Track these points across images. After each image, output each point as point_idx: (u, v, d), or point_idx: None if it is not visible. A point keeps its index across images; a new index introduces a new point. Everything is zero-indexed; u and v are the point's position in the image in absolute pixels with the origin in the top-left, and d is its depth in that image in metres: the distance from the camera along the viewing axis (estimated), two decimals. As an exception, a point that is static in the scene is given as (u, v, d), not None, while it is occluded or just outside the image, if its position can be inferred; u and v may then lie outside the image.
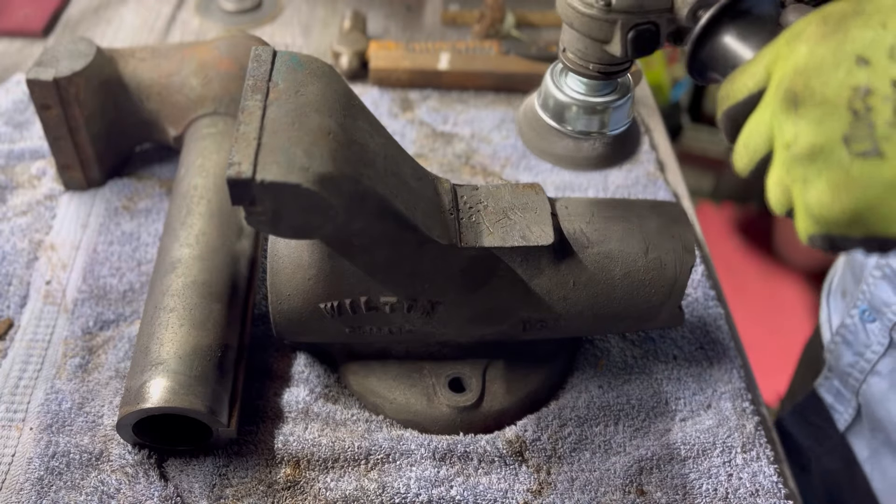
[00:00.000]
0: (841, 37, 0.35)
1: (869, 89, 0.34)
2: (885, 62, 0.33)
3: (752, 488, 0.56)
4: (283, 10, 1.01)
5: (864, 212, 0.35)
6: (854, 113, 0.34)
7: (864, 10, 0.35)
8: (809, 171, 0.37)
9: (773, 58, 0.38)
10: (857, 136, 0.34)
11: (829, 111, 0.35)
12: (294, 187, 0.46)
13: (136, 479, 0.54)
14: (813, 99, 0.35)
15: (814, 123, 0.36)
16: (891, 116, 0.33)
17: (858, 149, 0.34)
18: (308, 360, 0.62)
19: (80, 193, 0.74)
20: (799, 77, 0.36)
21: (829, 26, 0.35)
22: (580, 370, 0.63)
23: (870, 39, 0.34)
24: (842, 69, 0.34)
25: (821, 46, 0.35)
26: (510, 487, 0.56)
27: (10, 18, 0.95)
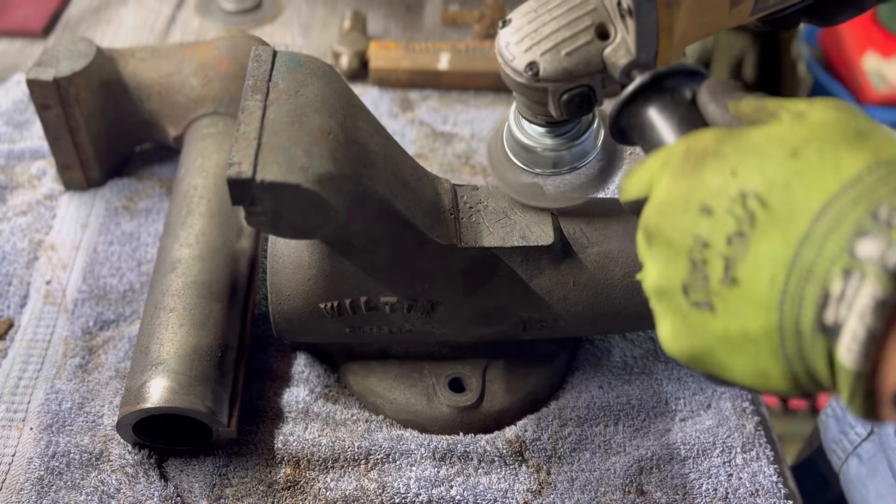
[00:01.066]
0: (695, 180, 0.34)
1: (706, 242, 0.33)
2: (723, 216, 0.33)
3: (751, 488, 0.56)
4: (283, 10, 1.01)
5: (701, 357, 0.35)
6: (693, 263, 0.34)
7: (722, 152, 0.34)
8: (657, 307, 0.37)
9: (654, 172, 0.37)
10: (694, 285, 0.34)
11: (673, 256, 0.35)
12: (294, 187, 0.46)
13: (136, 479, 0.54)
14: (661, 240, 0.35)
15: (661, 264, 0.36)
16: (721, 274, 0.32)
17: (695, 298, 0.34)
18: (308, 360, 0.62)
19: (80, 193, 0.74)
20: (654, 213, 0.36)
21: (689, 163, 0.35)
22: (580, 370, 0.63)
23: (717, 187, 0.33)
24: (688, 216, 0.34)
25: (676, 186, 0.35)
26: (510, 487, 0.56)
27: (11, 18, 0.95)
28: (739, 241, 0.32)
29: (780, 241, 0.31)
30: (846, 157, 0.31)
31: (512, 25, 0.46)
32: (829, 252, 0.29)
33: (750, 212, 0.32)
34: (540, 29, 0.45)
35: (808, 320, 0.30)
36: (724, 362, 0.34)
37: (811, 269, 0.29)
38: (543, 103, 0.47)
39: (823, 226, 0.29)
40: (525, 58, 0.45)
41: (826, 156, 0.31)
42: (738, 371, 0.33)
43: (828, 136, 0.32)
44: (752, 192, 0.32)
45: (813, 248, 0.29)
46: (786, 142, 0.32)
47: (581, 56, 0.44)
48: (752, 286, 0.31)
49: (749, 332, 0.32)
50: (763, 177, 0.32)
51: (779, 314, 0.31)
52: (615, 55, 0.43)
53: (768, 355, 0.32)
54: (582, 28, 0.44)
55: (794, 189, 0.31)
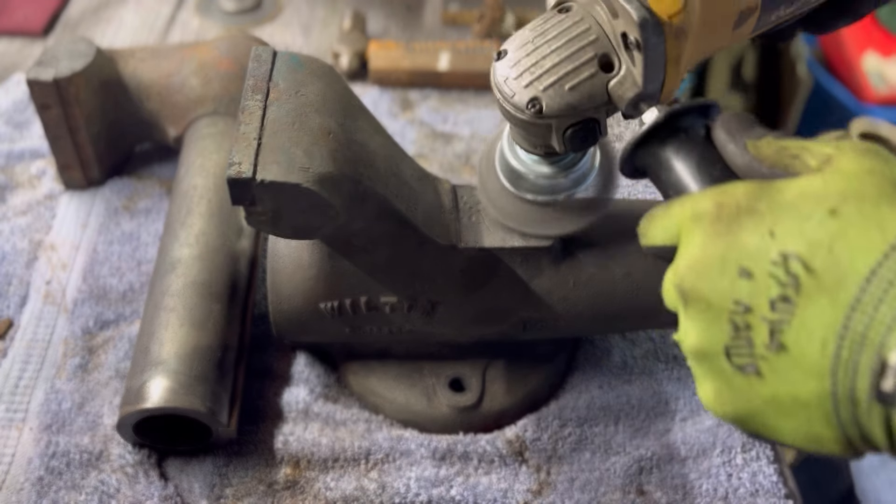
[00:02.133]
0: (730, 240, 0.33)
1: (749, 307, 0.32)
2: (765, 279, 0.32)
3: (751, 488, 0.56)
4: (283, 9, 1.01)
5: (747, 419, 0.34)
6: (735, 326, 0.33)
7: (757, 210, 0.33)
8: (697, 369, 0.36)
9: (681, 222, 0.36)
10: (737, 349, 0.33)
11: (713, 318, 0.34)
12: (294, 187, 0.46)
13: (136, 479, 0.54)
14: (699, 302, 0.34)
15: (700, 326, 0.35)
16: (767, 339, 0.32)
17: (738, 362, 0.33)
18: (308, 360, 0.62)
19: (80, 193, 0.74)
20: (690, 273, 0.35)
21: (722, 223, 0.34)
22: (580, 370, 0.63)
23: (755, 249, 0.32)
24: (726, 278, 0.33)
25: (711, 245, 0.34)
26: (510, 487, 0.56)
27: (10, 18, 0.95)
28: (784, 306, 0.31)
29: (828, 307, 0.30)
30: (888, 215, 0.30)
31: (509, 58, 0.44)
32: (883, 317, 0.28)
33: (794, 275, 0.31)
34: (540, 62, 0.43)
35: (864, 389, 0.29)
36: (773, 426, 0.33)
37: (865, 335, 0.29)
38: (545, 137, 0.45)
39: (874, 290, 0.29)
40: (526, 94, 0.43)
41: (867, 213, 0.31)
42: (788, 434, 0.33)
43: (865, 191, 0.31)
44: (794, 254, 0.31)
45: (865, 314, 0.29)
46: (823, 199, 0.32)
47: (585, 90, 0.42)
48: (802, 352, 0.31)
49: (800, 397, 0.31)
50: (804, 238, 0.31)
51: (832, 381, 0.30)
52: (621, 88, 0.42)
53: (821, 421, 0.31)
54: (585, 60, 0.42)
55: (839, 251, 0.30)
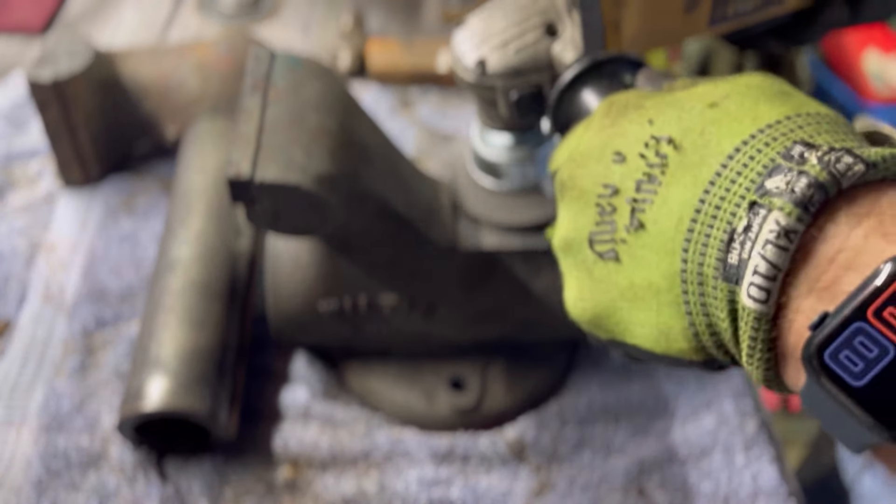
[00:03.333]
0: (612, 130, 0.33)
1: (617, 189, 0.31)
2: (636, 161, 0.31)
3: (753, 489, 0.56)
4: (282, 8, 1.01)
5: (603, 316, 0.33)
6: (601, 210, 0.32)
7: (643, 105, 0.33)
8: (564, 264, 0.35)
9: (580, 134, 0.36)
10: (600, 235, 0.32)
11: (582, 206, 0.33)
12: (293, 187, 0.46)
13: (136, 479, 0.54)
14: (573, 191, 0.34)
15: (570, 215, 0.34)
16: (628, 219, 0.31)
17: (600, 249, 0.32)
18: (308, 359, 0.62)
19: (79, 193, 0.73)
20: (569, 164, 0.34)
21: (609, 117, 0.34)
22: (580, 370, 0.63)
23: (633, 135, 0.32)
24: (602, 163, 0.32)
25: (595, 137, 0.34)
26: (510, 488, 0.56)
27: (9, 17, 0.95)
28: (650, 186, 0.30)
29: (689, 184, 0.29)
30: (765, 107, 0.29)
31: (466, 26, 0.46)
32: (738, 190, 0.27)
33: (662, 155, 0.30)
34: (490, 27, 0.45)
35: (711, 263, 0.28)
36: (627, 320, 0.32)
37: (719, 207, 0.28)
38: (494, 103, 0.47)
39: (734, 166, 0.28)
40: (474, 55, 0.45)
41: (745, 105, 0.30)
42: (640, 330, 0.32)
43: (749, 92, 0.31)
44: (666, 136, 0.30)
45: (721, 188, 0.28)
46: (707, 96, 0.31)
47: (529, 53, 0.44)
48: (658, 230, 0.30)
49: (652, 282, 0.30)
50: (679, 124, 0.31)
51: (683, 259, 0.29)
52: (563, 52, 0.44)
53: (671, 308, 0.30)
54: (531, 26, 0.44)
55: (710, 134, 0.29)
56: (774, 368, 0.27)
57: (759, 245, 0.26)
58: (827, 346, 0.24)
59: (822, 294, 0.25)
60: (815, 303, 0.25)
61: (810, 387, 0.25)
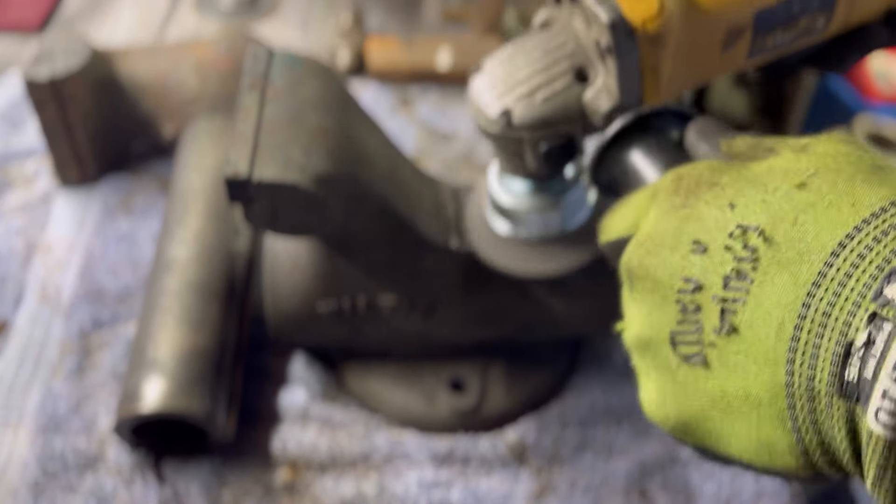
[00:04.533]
0: (686, 213, 0.29)
1: (700, 284, 0.28)
2: (720, 253, 0.28)
3: (755, 491, 0.56)
4: (281, 6, 1.00)
5: (691, 424, 0.30)
6: (683, 308, 0.28)
7: (719, 182, 0.29)
8: (640, 363, 0.32)
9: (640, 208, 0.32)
10: (684, 335, 0.29)
11: (659, 301, 0.29)
12: (291, 186, 0.45)
13: (133, 482, 0.54)
14: (646, 281, 0.30)
15: (644, 310, 0.30)
16: (717, 322, 0.27)
17: (684, 351, 0.29)
18: (306, 361, 0.62)
19: (77, 192, 0.73)
20: (638, 250, 0.31)
21: (680, 196, 0.30)
22: (582, 371, 0.63)
23: (712, 221, 0.28)
24: (678, 253, 0.29)
25: (665, 220, 0.30)
26: (511, 490, 0.55)
27: (6, 15, 0.94)
28: (739, 283, 0.27)
29: (788, 283, 0.26)
30: (863, 191, 0.26)
31: (484, 72, 0.42)
32: (850, 296, 0.24)
33: (752, 248, 0.27)
34: (514, 74, 0.41)
35: (823, 378, 0.25)
36: (720, 431, 0.29)
37: (828, 315, 0.25)
38: (520, 154, 0.43)
39: (841, 266, 0.25)
40: (498, 105, 0.41)
41: (840, 187, 0.27)
42: (736, 442, 0.28)
43: (840, 167, 0.27)
44: (754, 226, 0.27)
45: (830, 291, 0.25)
46: (792, 173, 0.28)
47: (559, 102, 0.40)
48: (756, 336, 0.26)
49: (751, 392, 0.27)
50: (766, 210, 0.27)
51: (788, 370, 0.26)
52: (596, 100, 0.39)
53: (774, 422, 0.27)
54: (559, 72, 0.40)
55: (804, 224, 0.26)
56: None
57: (889, 367, 0.23)
58: None
59: None
60: None
61: None
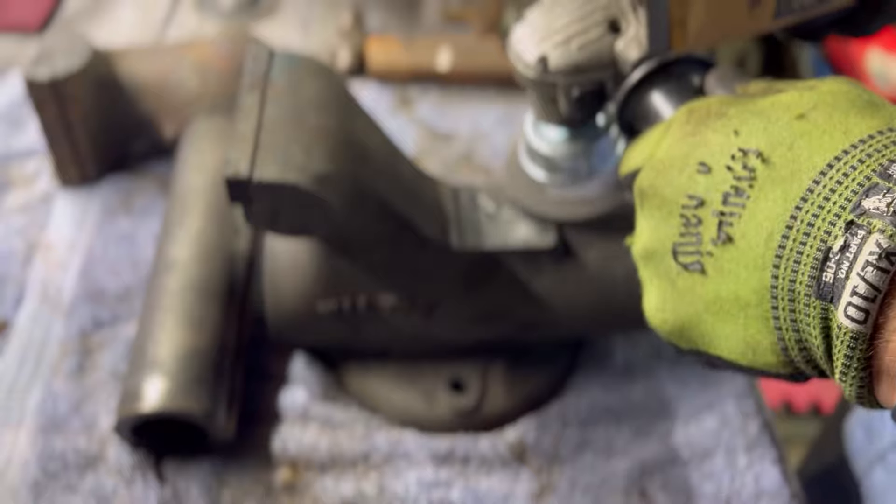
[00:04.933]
0: (696, 139, 0.33)
1: (702, 200, 0.31)
2: (722, 173, 0.31)
3: (755, 490, 0.56)
4: (282, 6, 1.00)
5: (687, 327, 0.33)
6: (686, 221, 0.32)
7: (726, 113, 0.32)
8: (645, 273, 0.35)
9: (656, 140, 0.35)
10: (685, 246, 0.32)
11: (666, 215, 0.33)
12: (291, 186, 0.45)
13: (133, 481, 0.54)
14: (654, 200, 0.34)
15: (652, 224, 0.34)
16: (715, 232, 0.31)
17: (684, 261, 0.32)
18: (306, 360, 0.62)
19: (77, 192, 0.73)
20: (650, 172, 0.34)
21: (691, 125, 0.33)
22: (582, 371, 0.63)
23: (717, 145, 0.32)
24: (685, 174, 0.32)
25: (676, 145, 0.33)
26: (511, 490, 0.56)
27: (6, 15, 0.94)
28: (737, 199, 0.30)
29: (780, 198, 0.29)
30: (856, 121, 0.29)
31: (525, 21, 0.46)
32: (832, 208, 0.27)
33: (751, 168, 0.30)
34: (552, 23, 0.44)
35: (804, 280, 0.28)
36: (712, 332, 0.32)
37: (812, 224, 0.28)
38: (554, 100, 0.46)
39: (827, 183, 0.28)
40: (536, 51, 0.44)
41: (835, 118, 0.30)
42: (725, 342, 0.32)
43: (837, 102, 0.30)
44: (755, 149, 0.30)
45: (815, 205, 0.28)
46: (793, 106, 0.31)
47: (592, 50, 0.43)
48: (747, 244, 0.30)
49: (740, 296, 0.30)
50: (767, 136, 0.30)
51: (773, 274, 0.29)
52: (627, 49, 0.43)
53: (759, 322, 0.30)
54: (594, 22, 0.44)
55: (799, 148, 0.29)
56: (868, 386, 0.27)
57: (859, 266, 0.26)
58: None
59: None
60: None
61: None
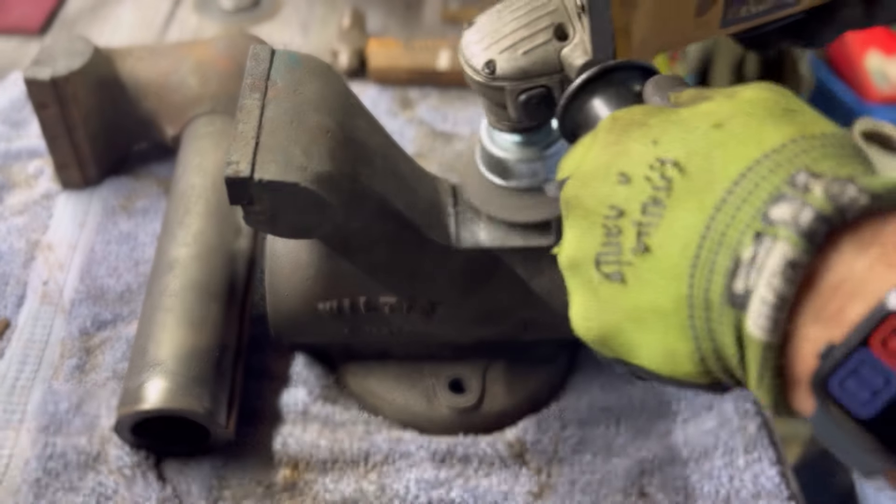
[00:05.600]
0: (617, 149, 0.33)
1: (622, 210, 0.32)
2: (641, 183, 0.31)
3: (754, 490, 0.56)
4: (282, 7, 1.00)
5: (609, 336, 0.33)
6: (607, 232, 0.32)
7: (647, 123, 0.33)
8: (571, 282, 0.35)
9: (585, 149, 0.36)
10: (606, 256, 0.32)
11: (588, 226, 0.33)
12: (292, 186, 0.45)
13: (134, 481, 0.54)
14: (578, 209, 0.34)
15: (576, 234, 0.34)
16: (634, 242, 0.31)
17: (606, 270, 0.32)
18: (307, 360, 0.62)
19: (78, 193, 0.73)
20: (574, 183, 0.34)
21: (613, 134, 0.34)
22: (581, 371, 0.63)
23: (637, 155, 0.32)
24: (606, 184, 0.33)
25: (599, 155, 0.34)
26: (510, 489, 0.56)
27: (7, 16, 0.95)
28: (655, 209, 0.31)
29: (695, 208, 0.29)
30: (770, 130, 0.30)
31: (475, 26, 0.46)
32: (743, 218, 0.28)
33: (668, 179, 0.30)
34: (500, 29, 0.45)
35: (717, 290, 0.28)
36: (633, 341, 0.32)
37: (724, 234, 0.28)
38: (503, 105, 0.47)
39: (739, 192, 0.28)
40: (483, 56, 0.45)
41: (751, 127, 0.30)
42: (646, 351, 0.32)
43: (755, 111, 0.31)
44: (672, 159, 0.31)
45: (727, 215, 0.28)
46: (712, 115, 0.31)
47: (538, 55, 0.44)
48: (665, 254, 0.30)
49: (659, 305, 0.30)
50: (684, 146, 0.31)
51: (689, 284, 0.29)
52: (572, 55, 0.43)
53: (677, 331, 0.30)
54: (541, 28, 0.44)
55: (715, 157, 0.30)
56: (783, 394, 0.28)
57: (766, 276, 0.26)
58: (833, 376, 0.25)
59: (829, 323, 0.26)
60: (822, 331, 0.26)
61: (819, 415, 0.26)
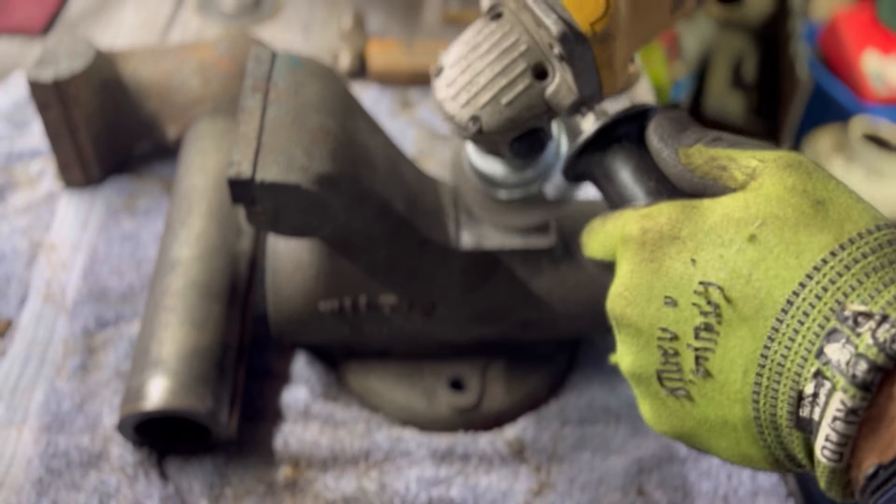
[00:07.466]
0: (654, 267, 0.34)
1: (675, 334, 0.33)
2: (688, 308, 0.33)
3: (752, 488, 0.56)
4: (283, 9, 1.01)
5: (684, 437, 0.35)
6: (664, 352, 0.34)
7: (679, 236, 0.33)
8: (636, 389, 0.37)
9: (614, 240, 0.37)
10: (668, 374, 0.34)
11: (644, 344, 0.35)
12: (293, 187, 0.46)
13: (136, 479, 0.54)
14: (630, 327, 0.35)
15: (632, 351, 0.35)
16: (693, 366, 0.33)
17: (670, 386, 0.34)
18: (308, 359, 0.62)
19: (80, 193, 0.74)
20: (619, 300, 0.35)
21: (647, 250, 0.34)
22: (581, 370, 0.63)
23: (678, 277, 0.33)
24: (653, 306, 0.34)
25: (637, 273, 0.35)
26: (510, 487, 0.56)
27: (10, 17, 0.95)
28: (708, 334, 0.32)
29: (748, 336, 0.31)
30: (806, 241, 0.30)
31: (445, 76, 0.43)
32: (798, 348, 0.30)
33: (715, 304, 0.32)
34: (475, 80, 0.42)
35: (783, 415, 0.30)
36: (708, 444, 0.35)
37: (782, 365, 0.30)
38: (496, 147, 0.45)
39: (790, 320, 0.30)
40: (465, 113, 0.42)
41: (786, 239, 0.31)
42: (723, 452, 0.34)
43: (785, 214, 0.31)
44: (715, 283, 0.32)
45: (782, 345, 0.30)
46: (743, 224, 0.32)
47: (522, 102, 0.42)
48: (726, 379, 0.32)
49: (728, 420, 0.33)
50: (724, 266, 0.32)
51: (755, 407, 0.31)
52: (558, 95, 0.41)
53: (749, 442, 0.33)
54: (518, 73, 0.42)
55: (757, 281, 0.31)
56: (848, 493, 0.30)
57: (828, 419, 0.28)
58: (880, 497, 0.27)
59: (886, 450, 0.28)
60: (879, 457, 0.28)
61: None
